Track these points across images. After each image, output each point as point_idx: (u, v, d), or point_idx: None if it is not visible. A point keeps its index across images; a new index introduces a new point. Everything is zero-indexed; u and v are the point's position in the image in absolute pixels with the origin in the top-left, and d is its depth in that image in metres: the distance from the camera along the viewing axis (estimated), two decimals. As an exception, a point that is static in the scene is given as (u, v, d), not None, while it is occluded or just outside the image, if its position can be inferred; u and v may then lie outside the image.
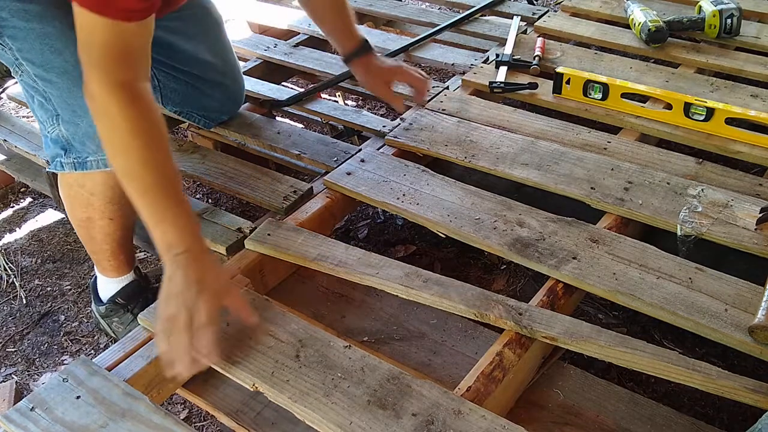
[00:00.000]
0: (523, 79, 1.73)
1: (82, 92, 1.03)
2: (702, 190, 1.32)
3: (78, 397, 1.01)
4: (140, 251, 1.74)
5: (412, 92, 1.63)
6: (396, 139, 1.55)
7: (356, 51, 1.54)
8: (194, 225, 1.04)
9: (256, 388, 1.02)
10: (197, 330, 0.98)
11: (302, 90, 1.82)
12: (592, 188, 1.35)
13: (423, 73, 1.61)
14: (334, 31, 1.55)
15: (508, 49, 1.84)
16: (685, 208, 1.28)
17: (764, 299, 1.06)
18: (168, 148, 1.04)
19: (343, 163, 1.49)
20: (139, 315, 1.15)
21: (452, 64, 1.87)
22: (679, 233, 1.24)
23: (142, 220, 1.04)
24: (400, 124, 1.61)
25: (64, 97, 1.17)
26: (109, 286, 1.41)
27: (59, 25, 1.13)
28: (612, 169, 1.40)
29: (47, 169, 1.27)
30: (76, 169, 1.23)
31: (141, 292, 1.41)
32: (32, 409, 0.99)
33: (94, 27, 0.98)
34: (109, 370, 1.06)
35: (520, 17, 2.02)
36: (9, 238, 1.88)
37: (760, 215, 1.23)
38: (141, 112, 1.01)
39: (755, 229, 1.22)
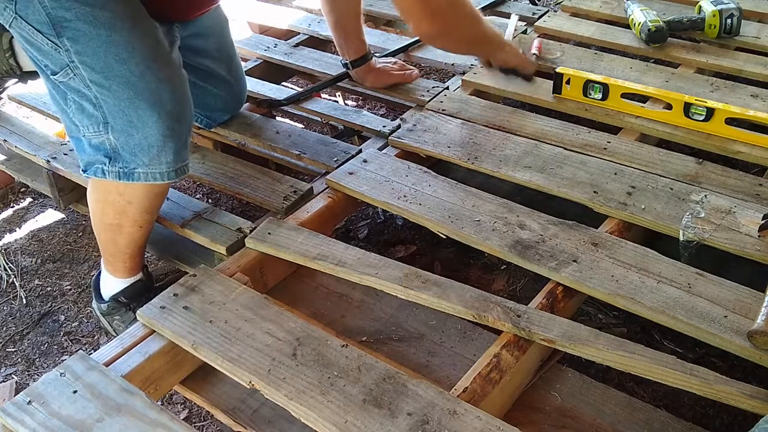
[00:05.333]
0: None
1: (142, 105, 1.11)
2: (705, 195, 1.31)
3: (75, 392, 1.01)
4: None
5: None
6: (399, 140, 1.55)
7: (363, 57, 1.73)
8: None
9: (253, 385, 1.02)
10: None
11: (300, 90, 1.82)
12: (594, 192, 1.35)
13: (410, 69, 1.81)
14: (347, 36, 1.71)
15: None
16: (687, 213, 1.27)
17: (764, 305, 1.06)
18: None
19: (344, 163, 1.49)
20: (138, 311, 1.15)
21: (452, 64, 1.87)
22: (681, 239, 1.23)
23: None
24: (400, 124, 1.61)
25: (122, 106, 1.16)
26: (114, 284, 1.41)
27: (127, 36, 1.14)
28: (615, 174, 1.39)
29: (84, 175, 1.27)
30: (120, 179, 1.22)
31: (144, 292, 1.41)
32: (29, 403, 1.00)
33: None
34: (107, 366, 1.07)
35: (518, 17, 2.01)
36: (9, 238, 1.88)
37: (763, 222, 1.23)
38: None
39: (758, 236, 1.22)
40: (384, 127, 1.62)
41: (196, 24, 1.49)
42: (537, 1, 2.28)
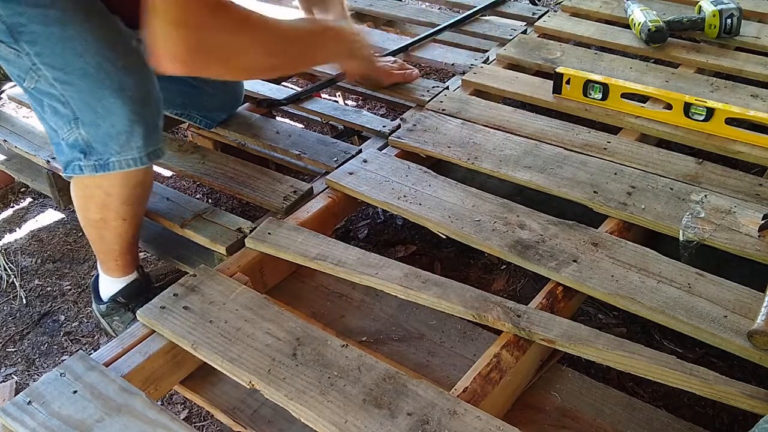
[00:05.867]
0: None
1: (105, 93, 1.10)
2: (705, 195, 1.31)
3: (75, 392, 1.01)
4: (141, 251, 1.74)
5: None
6: (399, 140, 1.55)
7: None
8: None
9: (253, 385, 1.02)
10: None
11: (300, 89, 1.82)
12: (594, 192, 1.35)
13: (410, 69, 1.79)
14: None
15: None
16: (687, 213, 1.27)
17: (764, 305, 1.06)
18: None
19: (344, 163, 1.49)
20: (138, 311, 1.15)
21: (452, 64, 1.87)
22: (681, 239, 1.23)
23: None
24: (400, 124, 1.61)
25: (85, 99, 1.17)
26: (111, 285, 1.42)
27: (80, 29, 1.15)
28: (615, 174, 1.39)
29: (65, 175, 1.27)
30: (97, 172, 1.23)
31: (142, 292, 1.41)
32: (29, 403, 1.00)
33: None
34: (107, 366, 1.07)
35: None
36: (9, 238, 1.88)
37: (763, 222, 1.23)
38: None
39: (758, 236, 1.22)
40: (384, 127, 1.62)
41: None
42: (537, 1, 2.28)
